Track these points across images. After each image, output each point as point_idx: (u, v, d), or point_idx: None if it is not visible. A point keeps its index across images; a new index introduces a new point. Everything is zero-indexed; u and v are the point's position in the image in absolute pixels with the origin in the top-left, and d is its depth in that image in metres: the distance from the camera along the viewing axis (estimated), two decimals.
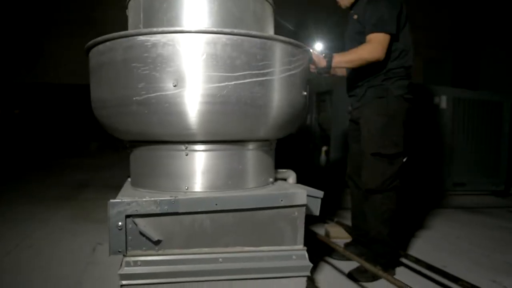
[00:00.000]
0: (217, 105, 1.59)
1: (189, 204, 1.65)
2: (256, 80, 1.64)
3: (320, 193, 1.91)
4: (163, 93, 1.57)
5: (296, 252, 1.78)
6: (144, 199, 1.60)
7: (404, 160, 2.39)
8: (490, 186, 5.88)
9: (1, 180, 5.82)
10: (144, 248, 1.63)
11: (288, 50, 1.76)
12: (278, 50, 1.71)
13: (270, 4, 2.01)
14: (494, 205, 5.17)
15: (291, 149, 6.23)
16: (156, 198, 1.61)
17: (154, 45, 1.56)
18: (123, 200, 1.58)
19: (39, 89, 12.08)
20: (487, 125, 5.82)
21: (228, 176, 1.80)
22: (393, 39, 2.28)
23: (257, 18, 1.88)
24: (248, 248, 1.74)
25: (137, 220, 1.60)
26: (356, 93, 2.51)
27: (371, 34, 2.24)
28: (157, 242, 1.63)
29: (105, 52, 1.70)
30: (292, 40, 1.78)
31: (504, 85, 7.94)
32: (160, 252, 1.65)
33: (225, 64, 1.58)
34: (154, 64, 1.57)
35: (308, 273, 1.78)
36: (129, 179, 2.06)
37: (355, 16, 2.40)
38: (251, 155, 1.87)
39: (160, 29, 1.57)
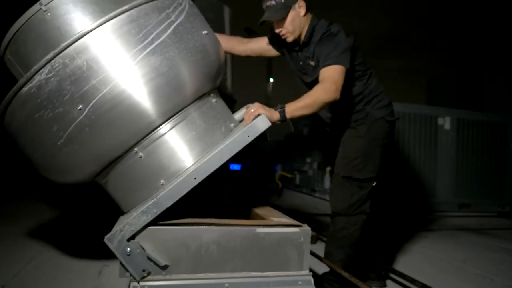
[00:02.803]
0: (129, 99, 1.56)
1: (172, 195, 1.62)
2: (147, 52, 1.58)
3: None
4: (76, 121, 1.54)
5: (302, 277, 1.78)
6: (132, 217, 1.59)
7: (374, 184, 2.35)
8: (496, 207, 5.86)
9: (10, 198, 5.84)
10: (151, 273, 1.64)
11: (158, 6, 1.66)
12: (148, 13, 1.62)
13: None
14: (499, 226, 5.15)
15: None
16: (141, 209, 1.60)
17: (39, 86, 1.52)
18: (115, 230, 1.58)
19: None
20: (492, 146, 5.84)
21: (190, 149, 1.75)
22: (351, 71, 2.22)
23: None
24: (255, 273, 1.74)
25: (145, 245, 1.62)
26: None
27: (325, 68, 2.11)
28: (165, 267, 1.65)
29: (10, 120, 1.68)
30: None
31: (508, 106, 7.98)
32: (167, 277, 1.66)
33: (109, 61, 1.54)
34: (51, 103, 1.53)
35: None
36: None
37: (312, 63, 2.29)
38: (197, 117, 1.79)
39: (32, 70, 1.51)
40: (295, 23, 2.25)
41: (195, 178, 1.64)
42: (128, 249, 1.58)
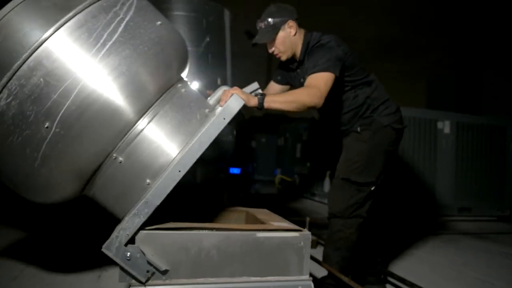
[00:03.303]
0: (94, 105, 1.53)
1: (160, 192, 1.60)
2: (102, 55, 1.55)
3: (255, 85, 1.90)
4: (47, 140, 1.52)
5: (302, 282, 1.77)
6: (124, 221, 1.58)
7: (372, 189, 2.34)
8: (496, 211, 5.86)
9: (10, 201, 5.83)
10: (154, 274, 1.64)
11: (103, 6, 1.61)
12: (95, 15, 1.58)
13: None
14: (499, 230, 5.14)
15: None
16: (133, 211, 1.58)
17: (2, 113, 1.50)
18: (112, 237, 1.57)
19: None
20: (491, 149, 5.84)
21: (169, 143, 1.73)
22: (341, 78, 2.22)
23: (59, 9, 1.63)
24: (255, 278, 1.74)
25: (144, 249, 1.61)
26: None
27: (311, 75, 2.11)
28: (165, 272, 1.64)
29: None
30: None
31: (507, 109, 7.98)
32: (167, 281, 1.65)
33: (66, 72, 1.51)
34: (18, 127, 1.51)
35: None
36: None
37: (306, 77, 2.26)
38: (169, 109, 1.77)
39: None
40: (285, 43, 2.29)
41: (179, 171, 1.62)
42: (128, 253, 1.57)
